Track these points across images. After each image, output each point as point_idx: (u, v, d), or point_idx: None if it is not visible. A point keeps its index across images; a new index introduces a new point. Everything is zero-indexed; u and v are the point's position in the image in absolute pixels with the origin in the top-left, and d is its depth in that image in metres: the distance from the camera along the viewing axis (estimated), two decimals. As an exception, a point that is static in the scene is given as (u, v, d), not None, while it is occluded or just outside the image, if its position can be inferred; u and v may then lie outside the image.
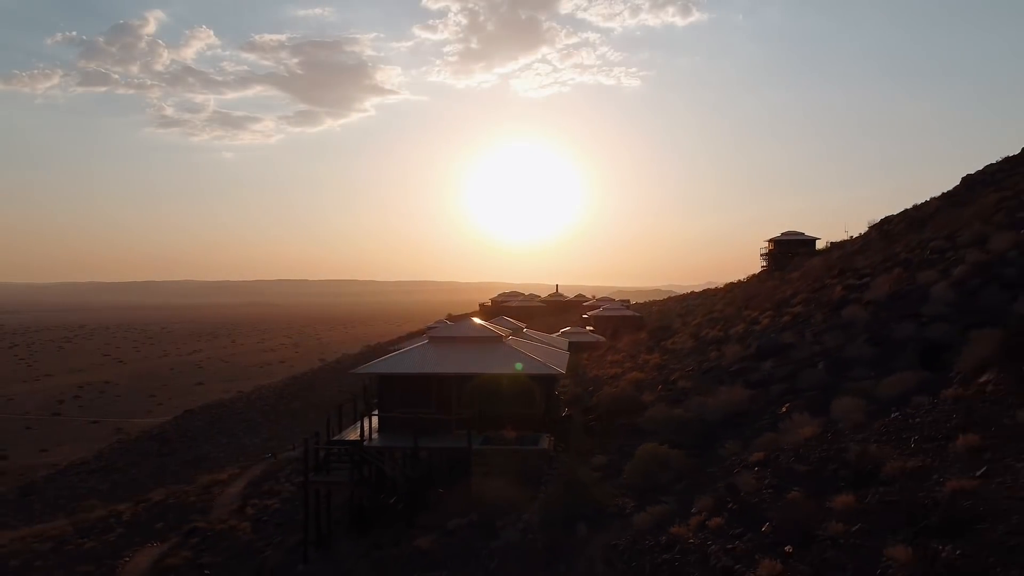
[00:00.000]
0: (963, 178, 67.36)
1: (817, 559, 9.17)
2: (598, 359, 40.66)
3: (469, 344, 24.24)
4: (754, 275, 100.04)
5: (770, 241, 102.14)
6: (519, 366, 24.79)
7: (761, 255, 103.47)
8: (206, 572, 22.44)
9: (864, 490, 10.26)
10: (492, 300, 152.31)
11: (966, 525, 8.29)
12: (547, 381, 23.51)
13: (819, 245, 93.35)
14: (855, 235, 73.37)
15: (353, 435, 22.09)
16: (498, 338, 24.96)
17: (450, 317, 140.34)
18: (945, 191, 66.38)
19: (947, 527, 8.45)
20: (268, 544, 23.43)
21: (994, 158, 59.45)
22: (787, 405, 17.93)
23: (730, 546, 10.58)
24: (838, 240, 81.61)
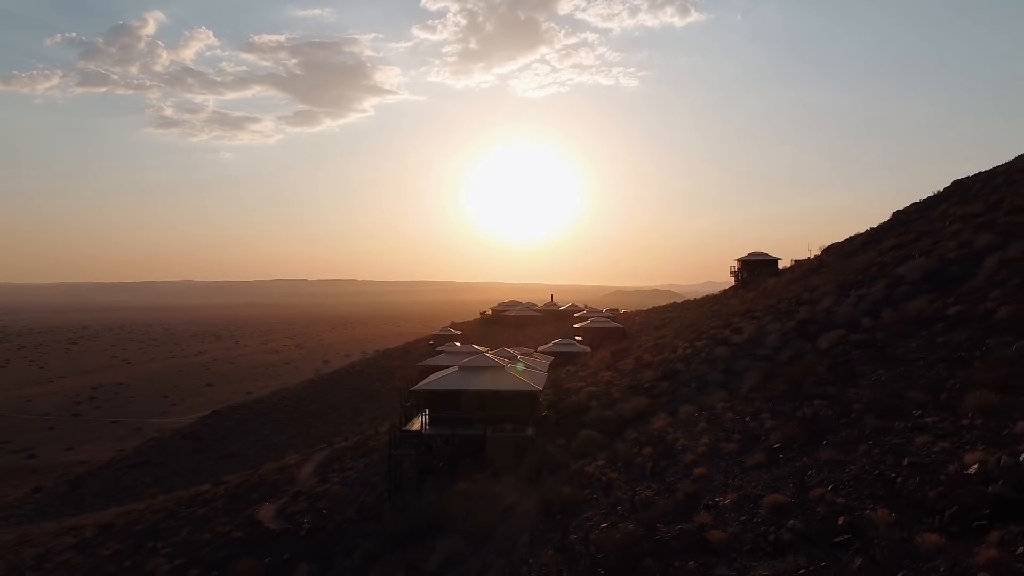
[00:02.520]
0: (894, 212, 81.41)
1: (630, 473, 23.41)
2: (574, 373, 54.97)
3: (483, 370, 38.55)
4: (725, 290, 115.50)
5: (739, 260, 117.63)
6: (520, 366, 38.97)
7: (731, 273, 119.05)
8: (324, 512, 36.51)
9: (657, 447, 24.48)
10: (492, 309, 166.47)
11: (686, 463, 22.50)
12: (532, 394, 37.76)
13: (784, 262, 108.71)
14: (812, 255, 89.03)
15: (415, 426, 36.42)
16: (501, 366, 39.35)
17: (454, 324, 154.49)
18: (881, 222, 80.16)
19: (678, 465, 22.66)
20: (360, 495, 37.60)
21: (995, 158, 71.67)
22: (662, 410, 32.15)
23: (603, 471, 24.80)
24: (801, 258, 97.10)
